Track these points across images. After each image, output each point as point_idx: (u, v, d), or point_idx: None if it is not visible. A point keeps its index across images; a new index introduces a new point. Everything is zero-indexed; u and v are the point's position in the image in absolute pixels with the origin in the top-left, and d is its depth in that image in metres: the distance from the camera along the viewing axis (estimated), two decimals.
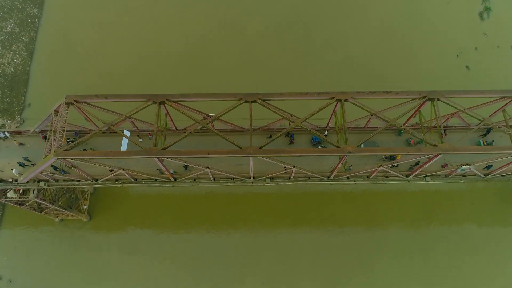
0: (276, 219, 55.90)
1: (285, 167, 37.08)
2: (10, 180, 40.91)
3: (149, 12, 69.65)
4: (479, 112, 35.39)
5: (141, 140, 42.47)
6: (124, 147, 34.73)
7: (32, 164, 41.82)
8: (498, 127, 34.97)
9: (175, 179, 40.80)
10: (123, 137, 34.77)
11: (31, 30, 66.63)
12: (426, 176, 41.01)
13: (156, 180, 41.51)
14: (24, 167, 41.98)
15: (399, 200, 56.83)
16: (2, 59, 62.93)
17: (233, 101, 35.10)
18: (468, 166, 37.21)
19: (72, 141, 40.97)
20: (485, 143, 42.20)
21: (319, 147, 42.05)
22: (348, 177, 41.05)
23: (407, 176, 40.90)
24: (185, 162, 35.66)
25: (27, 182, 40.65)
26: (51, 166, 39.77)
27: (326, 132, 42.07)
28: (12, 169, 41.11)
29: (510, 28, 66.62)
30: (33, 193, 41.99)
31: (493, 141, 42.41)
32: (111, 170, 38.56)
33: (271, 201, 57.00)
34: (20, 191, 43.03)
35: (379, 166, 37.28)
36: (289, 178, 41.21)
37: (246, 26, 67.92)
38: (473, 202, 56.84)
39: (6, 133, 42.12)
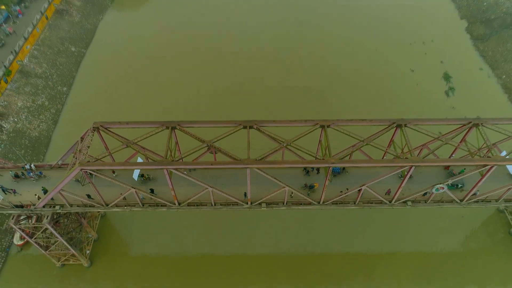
0: (275, 282, 56.46)
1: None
2: (28, 204, 44.66)
3: (161, 87, 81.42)
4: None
5: None
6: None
7: (11, 190, 45.32)
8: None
9: (179, 203, 44.79)
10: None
11: (58, 104, 77.01)
12: (407, 200, 45.06)
13: (161, 205, 45.38)
14: (6, 193, 45.23)
15: (395, 261, 58.27)
16: (30, 124, 71.50)
17: (233, 127, 41.86)
18: (441, 185, 41.72)
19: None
20: None
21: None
22: (337, 203, 45.12)
23: (390, 201, 44.97)
24: (192, 178, 40.51)
25: (43, 206, 44.53)
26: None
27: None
28: None
29: (473, 102, 77.32)
30: (46, 218, 45.24)
31: (464, 169, 46.96)
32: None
33: (270, 264, 58.30)
34: (33, 220, 46.41)
35: (363, 185, 41.88)
36: (284, 203, 45.20)
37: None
38: (467, 257, 58.44)
39: (32, 165, 47.35)
